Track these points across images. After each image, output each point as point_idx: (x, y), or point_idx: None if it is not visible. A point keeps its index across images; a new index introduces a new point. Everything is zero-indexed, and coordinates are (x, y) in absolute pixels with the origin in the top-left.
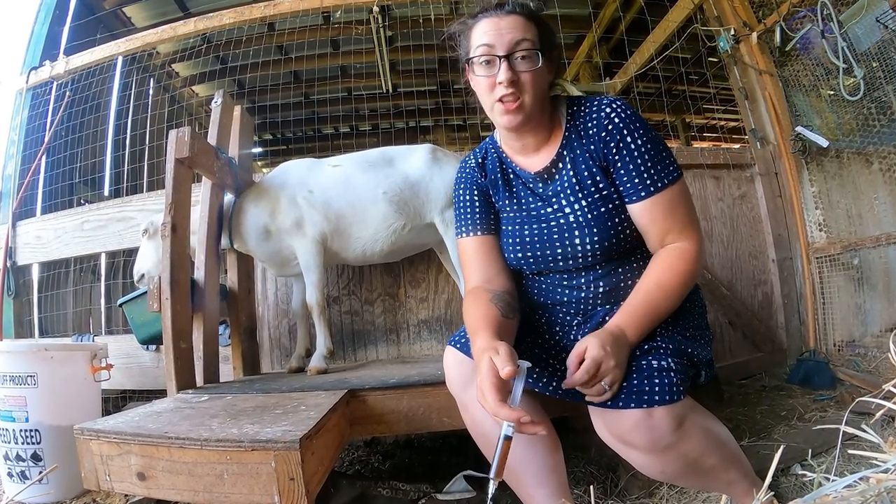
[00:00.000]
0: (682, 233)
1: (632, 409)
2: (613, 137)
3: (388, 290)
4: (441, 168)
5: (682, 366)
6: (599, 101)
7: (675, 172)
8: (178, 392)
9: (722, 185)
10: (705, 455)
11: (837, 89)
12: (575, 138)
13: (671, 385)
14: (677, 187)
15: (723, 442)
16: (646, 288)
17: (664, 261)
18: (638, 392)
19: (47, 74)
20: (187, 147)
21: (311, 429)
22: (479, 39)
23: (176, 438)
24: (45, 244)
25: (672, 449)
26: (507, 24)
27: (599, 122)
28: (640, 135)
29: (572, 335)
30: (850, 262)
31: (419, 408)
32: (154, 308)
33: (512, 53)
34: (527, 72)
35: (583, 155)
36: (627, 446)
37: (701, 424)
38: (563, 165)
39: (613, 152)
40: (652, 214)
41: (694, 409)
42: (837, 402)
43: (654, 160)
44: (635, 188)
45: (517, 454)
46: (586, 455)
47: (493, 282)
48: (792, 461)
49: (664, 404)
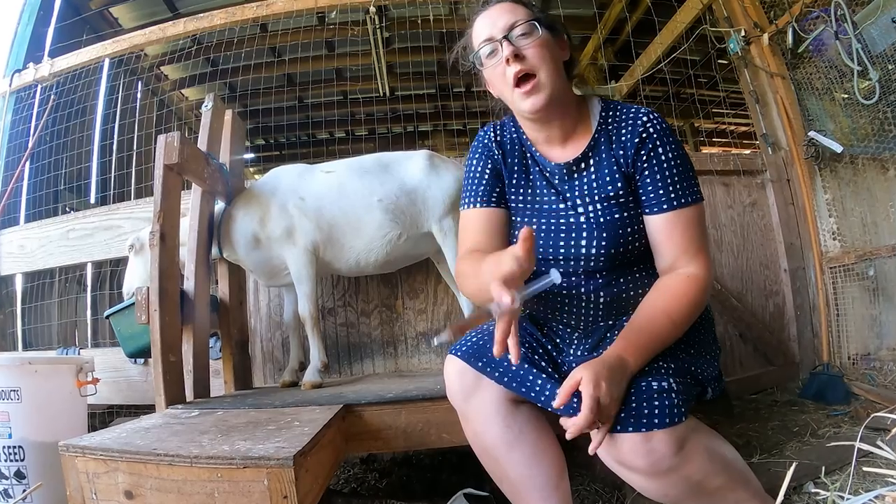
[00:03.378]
0: (695, 257)
1: (630, 433)
2: (646, 146)
3: (385, 302)
4: (439, 175)
5: (684, 385)
6: (637, 109)
7: (699, 195)
8: (168, 407)
9: (732, 192)
10: (710, 477)
11: (852, 92)
12: (604, 140)
13: (672, 407)
14: (698, 209)
15: (728, 462)
16: (652, 315)
17: (676, 288)
18: (636, 415)
19: (31, 77)
20: (177, 153)
21: (305, 445)
22: (479, 36)
23: (165, 455)
24: (28, 253)
25: (674, 472)
26: (497, 12)
27: (634, 130)
28: (672, 149)
29: (572, 349)
30: (865, 272)
31: (418, 423)
32: (142, 320)
33: (509, 33)
34: (530, 45)
35: (608, 159)
36: (628, 470)
37: (704, 445)
38: (588, 165)
39: (643, 160)
40: (670, 229)
41: (696, 429)
42: (852, 417)
43: (682, 176)
44: (658, 199)
45: (521, 469)
46: (591, 472)
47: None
48: (805, 479)
49: (664, 427)
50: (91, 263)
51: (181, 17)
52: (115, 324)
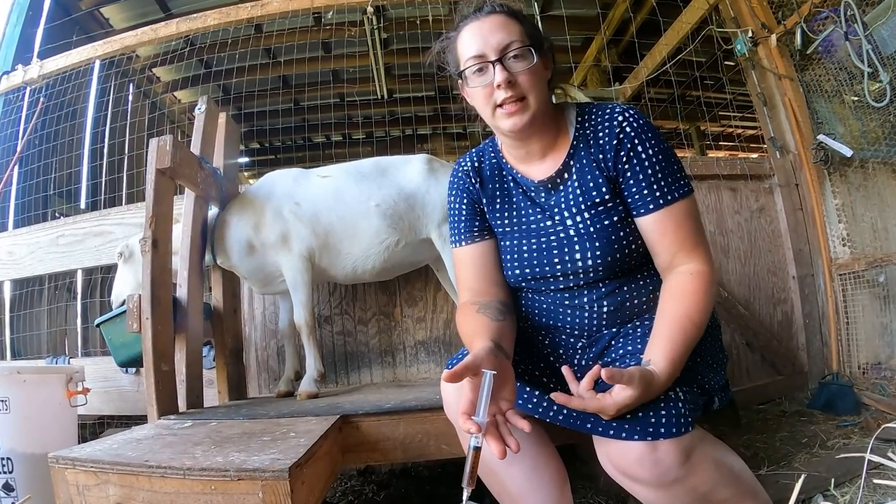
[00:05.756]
0: (693, 252)
1: (635, 442)
2: (624, 146)
3: (384, 310)
4: (438, 180)
5: (691, 394)
6: (612, 109)
7: (687, 187)
8: (160, 418)
9: (739, 197)
10: (716, 488)
11: (862, 95)
12: (583, 147)
13: (678, 416)
14: (689, 202)
15: (736, 473)
16: (678, 322)
17: (688, 289)
18: (643, 423)
19: (20, 79)
20: (169, 157)
21: (301, 457)
22: (467, 50)
23: (157, 467)
24: (17, 260)
25: (679, 483)
26: (489, 26)
27: (611, 131)
28: (651, 145)
29: (576, 359)
30: (875, 279)
31: (416, 434)
32: (134, 328)
33: (503, 56)
34: (523, 72)
35: (590, 164)
36: (632, 480)
37: (711, 456)
38: (570, 175)
39: (623, 161)
40: (662, 228)
41: (703, 439)
42: (862, 428)
43: (666, 172)
44: (644, 200)
45: (520, 483)
46: (594, 485)
47: (484, 293)
48: (814, 491)
49: (670, 437)
50: (81, 270)
51: (174, 18)
52: (106, 332)
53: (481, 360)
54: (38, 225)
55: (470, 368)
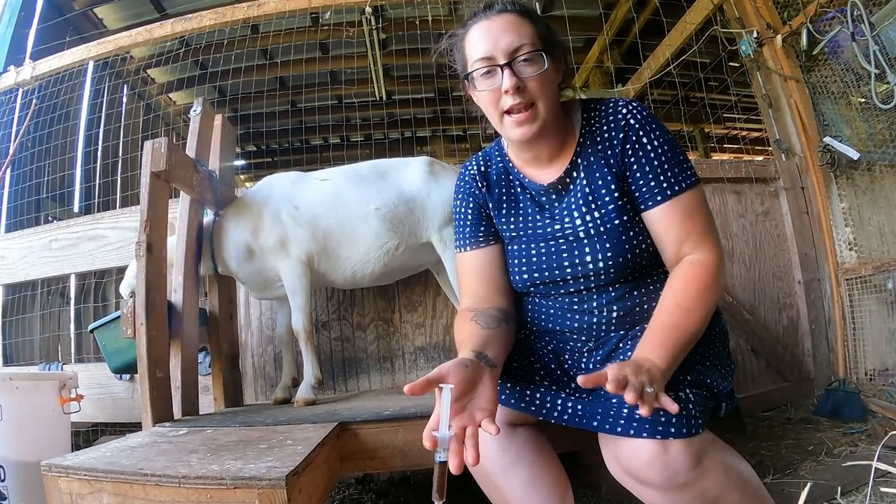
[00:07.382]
0: (700, 243)
1: (645, 440)
2: (629, 139)
3: (382, 315)
4: (438, 182)
5: (700, 397)
6: (615, 103)
7: (693, 178)
8: (154, 425)
9: (744, 200)
10: (725, 494)
11: (869, 96)
12: (590, 144)
13: (689, 417)
14: (695, 193)
15: (745, 479)
16: (665, 310)
17: (681, 275)
18: (652, 421)
19: (12, 80)
20: (164, 159)
21: (298, 465)
22: (475, 51)
23: (152, 475)
24: (9, 265)
25: (689, 487)
26: (499, 26)
27: (616, 124)
28: (656, 136)
29: (583, 363)
30: (882, 284)
31: (416, 442)
32: (128, 334)
33: (513, 59)
34: (533, 77)
35: (597, 161)
36: (640, 483)
37: (721, 460)
38: (577, 175)
39: (629, 154)
40: (668, 220)
41: (714, 443)
42: (869, 435)
43: (672, 163)
44: (651, 192)
45: (519, 493)
46: (597, 493)
47: (485, 300)
48: (820, 500)
49: (681, 437)
50: (75, 275)
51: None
52: (100, 338)
53: (446, 373)
54: (31, 229)
55: (433, 382)
